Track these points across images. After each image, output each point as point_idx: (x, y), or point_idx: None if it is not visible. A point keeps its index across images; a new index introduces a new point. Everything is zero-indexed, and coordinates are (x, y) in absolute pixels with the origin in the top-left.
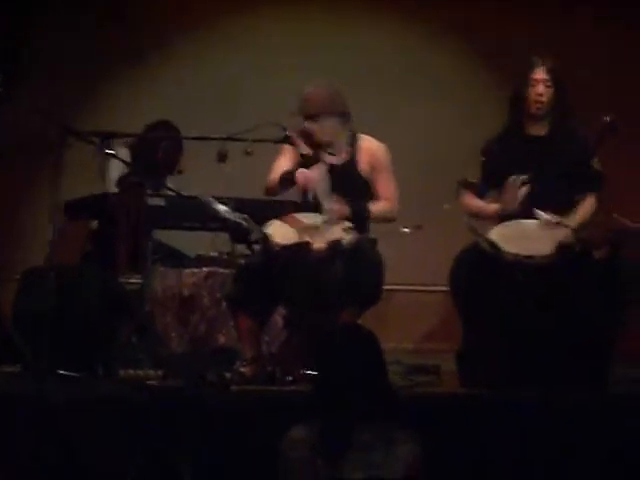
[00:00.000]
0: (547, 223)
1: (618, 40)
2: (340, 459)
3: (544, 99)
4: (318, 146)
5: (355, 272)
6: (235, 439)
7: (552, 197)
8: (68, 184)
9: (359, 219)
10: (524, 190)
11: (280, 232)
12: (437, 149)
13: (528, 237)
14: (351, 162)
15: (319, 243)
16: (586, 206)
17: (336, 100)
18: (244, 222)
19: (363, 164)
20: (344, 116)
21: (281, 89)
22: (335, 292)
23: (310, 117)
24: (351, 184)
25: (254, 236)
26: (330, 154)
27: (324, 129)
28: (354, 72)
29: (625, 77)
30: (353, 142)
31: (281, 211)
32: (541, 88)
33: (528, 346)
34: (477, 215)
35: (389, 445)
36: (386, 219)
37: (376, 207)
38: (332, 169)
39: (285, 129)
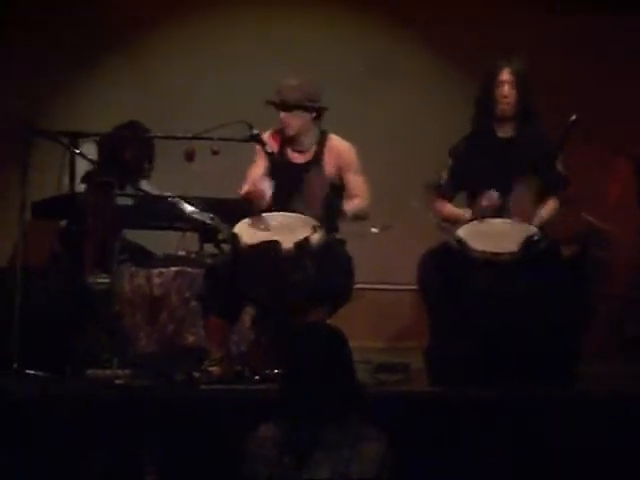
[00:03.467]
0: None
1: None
2: (307, 457)
3: (509, 100)
4: (287, 141)
5: (324, 272)
6: (203, 438)
7: (520, 199)
8: (36, 183)
9: (331, 218)
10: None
11: (248, 231)
12: (405, 148)
13: (496, 235)
14: (316, 161)
15: (287, 243)
16: (547, 209)
17: (314, 95)
18: (212, 222)
19: (328, 164)
20: (318, 112)
21: (248, 87)
22: (303, 292)
23: (286, 108)
24: (314, 183)
25: (222, 235)
26: (298, 151)
27: (297, 122)
28: (321, 70)
29: (589, 79)
30: (321, 141)
31: (250, 210)
32: (506, 89)
33: (496, 343)
34: (448, 220)
35: (357, 443)
36: (360, 216)
37: (350, 205)
38: (296, 167)
39: (252, 127)
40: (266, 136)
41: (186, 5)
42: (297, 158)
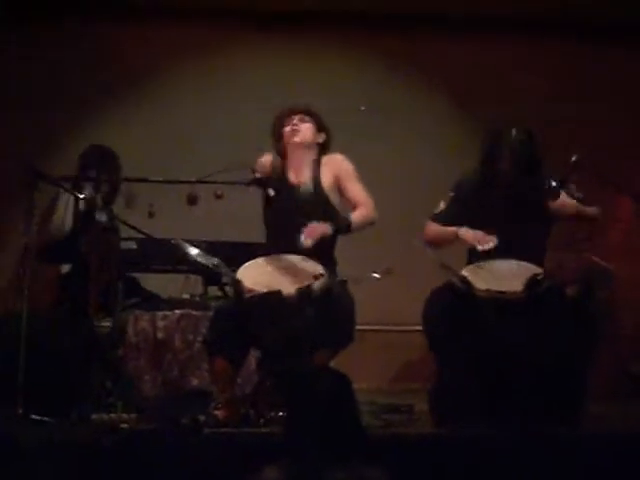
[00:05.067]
0: None
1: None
2: None
3: (510, 174)
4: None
5: (327, 316)
6: None
7: (523, 243)
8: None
9: (327, 250)
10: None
11: (252, 276)
12: (407, 187)
13: (500, 275)
14: (315, 181)
15: (289, 289)
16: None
17: (317, 112)
18: (215, 266)
19: (326, 179)
20: (327, 135)
21: (251, 130)
22: (307, 336)
23: (288, 112)
24: (316, 204)
25: (225, 280)
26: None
27: (306, 129)
28: (325, 112)
29: (592, 119)
30: (318, 161)
31: (253, 253)
32: (507, 164)
33: (501, 383)
34: (437, 240)
35: None
36: (368, 224)
37: (355, 216)
38: (297, 192)
39: (254, 171)
40: (264, 159)
41: (190, 50)
42: (294, 178)
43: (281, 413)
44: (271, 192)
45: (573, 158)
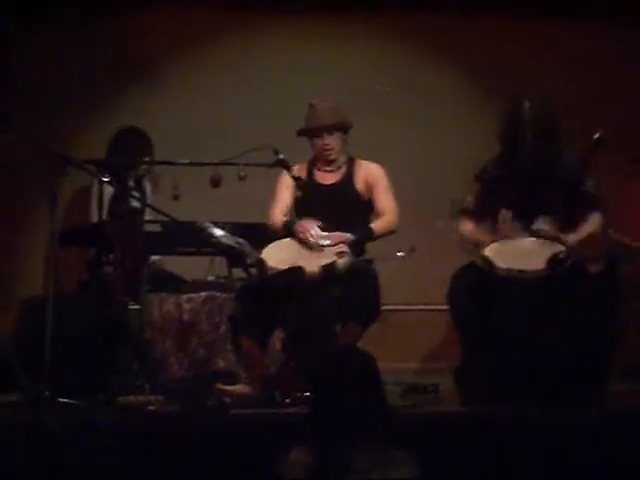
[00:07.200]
0: (545, 236)
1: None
2: None
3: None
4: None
5: (352, 292)
6: (235, 462)
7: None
8: (66, 211)
9: (361, 242)
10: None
11: (275, 256)
12: (431, 168)
13: (522, 253)
14: (347, 180)
15: (313, 267)
16: (587, 226)
17: (343, 115)
18: (240, 246)
19: (359, 182)
20: (347, 131)
21: (274, 112)
22: (330, 315)
23: (318, 130)
24: (347, 202)
25: (250, 260)
26: (329, 172)
27: (337, 143)
28: (346, 93)
29: (608, 92)
30: (351, 162)
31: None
32: (530, 136)
33: (526, 362)
34: (471, 242)
35: (387, 466)
36: (390, 232)
37: (377, 225)
38: (329, 188)
39: (278, 152)
40: (296, 169)
41: (213, 33)
42: (327, 179)
43: (307, 393)
44: (294, 173)
45: (596, 135)
